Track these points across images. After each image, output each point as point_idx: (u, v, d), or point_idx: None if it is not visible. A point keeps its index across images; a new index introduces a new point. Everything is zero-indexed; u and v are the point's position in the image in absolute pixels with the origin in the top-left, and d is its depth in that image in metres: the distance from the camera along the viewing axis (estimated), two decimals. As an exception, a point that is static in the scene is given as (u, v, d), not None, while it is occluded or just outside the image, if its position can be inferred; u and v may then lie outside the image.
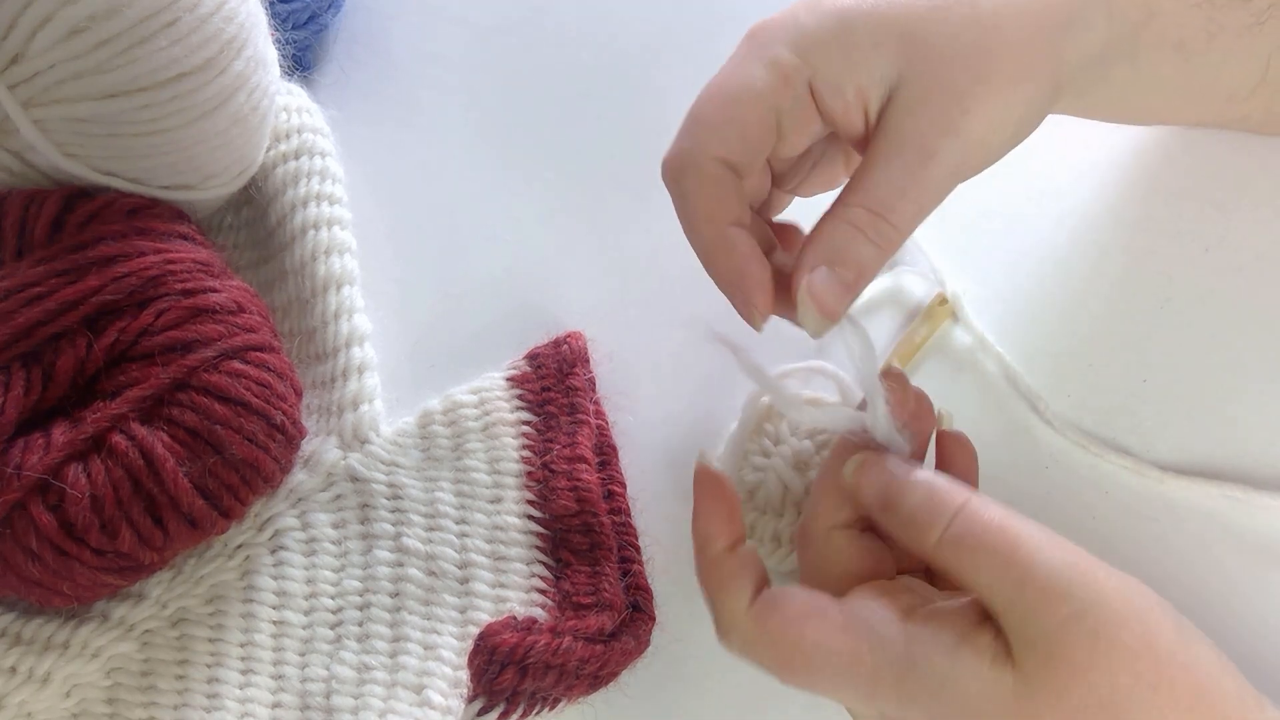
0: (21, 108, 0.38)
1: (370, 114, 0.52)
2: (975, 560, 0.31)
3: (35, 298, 0.37)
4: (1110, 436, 0.41)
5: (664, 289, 0.47)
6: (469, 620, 0.39)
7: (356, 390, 0.43)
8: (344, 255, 0.45)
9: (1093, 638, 0.29)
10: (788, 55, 0.33)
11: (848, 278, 0.33)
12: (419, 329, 0.47)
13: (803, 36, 0.33)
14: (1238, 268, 0.43)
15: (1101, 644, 0.29)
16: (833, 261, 0.33)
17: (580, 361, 0.43)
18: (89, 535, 0.36)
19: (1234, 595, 0.39)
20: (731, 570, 0.33)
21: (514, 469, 0.42)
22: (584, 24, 0.54)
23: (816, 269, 0.33)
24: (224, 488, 0.38)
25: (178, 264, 0.39)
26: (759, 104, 0.33)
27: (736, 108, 0.34)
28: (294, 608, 0.40)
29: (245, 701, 0.39)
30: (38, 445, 0.36)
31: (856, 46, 0.33)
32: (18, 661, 0.38)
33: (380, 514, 0.42)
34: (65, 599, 0.37)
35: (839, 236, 0.33)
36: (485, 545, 0.41)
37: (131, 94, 0.38)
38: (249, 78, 0.41)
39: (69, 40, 0.37)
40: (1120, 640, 0.29)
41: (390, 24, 0.54)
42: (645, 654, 0.39)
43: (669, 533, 0.41)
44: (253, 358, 0.39)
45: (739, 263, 0.34)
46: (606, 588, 0.38)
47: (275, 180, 0.47)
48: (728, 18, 0.54)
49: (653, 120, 0.51)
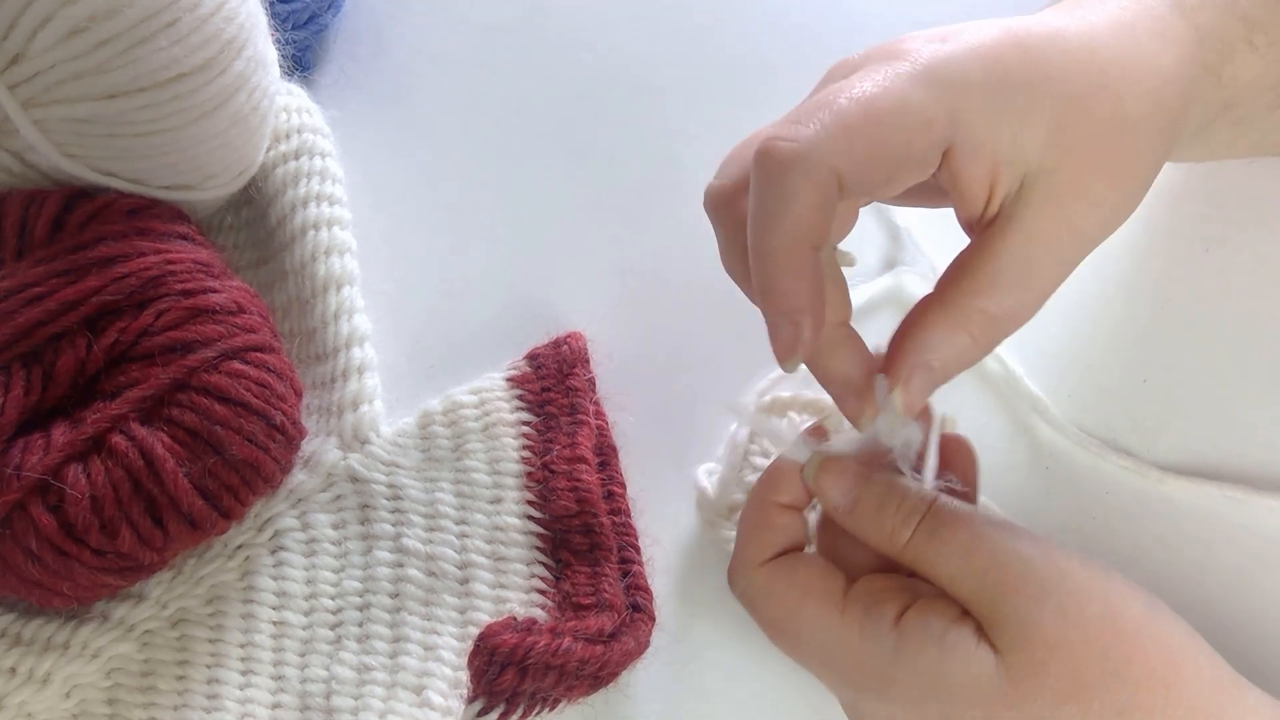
0: (21, 108, 0.38)
1: (370, 114, 0.52)
2: (944, 553, 0.31)
3: (35, 298, 0.37)
4: (1110, 436, 0.41)
5: (664, 289, 0.47)
6: (469, 621, 0.39)
7: (356, 391, 0.43)
8: (344, 255, 0.45)
9: (1060, 613, 0.30)
10: (939, 98, 0.30)
11: (939, 380, 0.31)
12: (419, 329, 0.47)
13: (959, 82, 0.30)
14: (1238, 268, 0.43)
15: (1070, 618, 0.30)
16: (934, 365, 0.31)
17: (580, 362, 0.43)
18: (89, 536, 0.36)
19: (1234, 595, 0.39)
20: (772, 524, 0.34)
21: (514, 469, 0.42)
22: (584, 24, 0.54)
23: (915, 369, 0.31)
24: (224, 488, 0.38)
25: (178, 264, 0.39)
26: (902, 135, 0.30)
27: (879, 129, 0.29)
28: (294, 608, 0.40)
29: (245, 702, 0.39)
30: (38, 446, 0.36)
31: (1008, 115, 0.30)
32: (18, 662, 0.38)
33: (380, 514, 0.42)
34: (65, 599, 0.37)
35: (951, 342, 0.31)
36: (485, 546, 0.41)
37: (131, 94, 0.38)
38: (249, 78, 0.41)
39: (69, 40, 0.37)
40: (1088, 614, 0.30)
41: (390, 24, 0.54)
42: (645, 654, 0.39)
43: (669, 533, 0.42)
44: (253, 358, 0.39)
45: (808, 294, 0.30)
46: (606, 588, 0.38)
47: (275, 180, 0.47)
48: (727, 18, 0.54)
49: (653, 120, 0.52)
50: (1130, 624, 0.30)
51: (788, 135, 0.29)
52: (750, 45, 0.53)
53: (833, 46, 0.53)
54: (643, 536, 0.41)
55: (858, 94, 0.30)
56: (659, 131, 0.51)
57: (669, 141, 0.51)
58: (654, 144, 0.51)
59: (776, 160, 0.29)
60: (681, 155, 0.50)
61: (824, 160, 0.29)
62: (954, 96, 0.30)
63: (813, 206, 0.29)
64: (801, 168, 0.29)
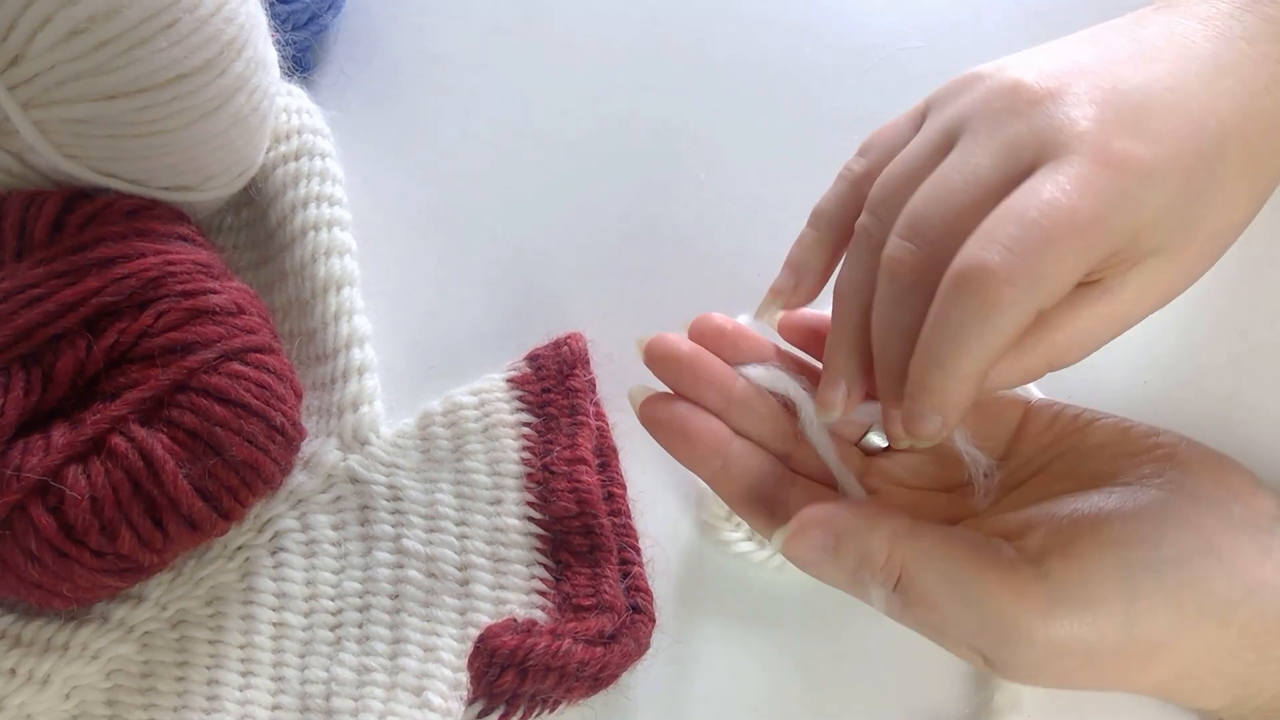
0: (21, 109, 0.38)
1: (370, 114, 0.52)
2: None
3: (35, 299, 0.37)
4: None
5: (664, 289, 0.47)
6: (469, 622, 0.39)
7: (356, 392, 0.43)
8: (344, 256, 0.45)
9: (1034, 671, 0.31)
10: (1130, 225, 0.29)
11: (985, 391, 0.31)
12: (419, 330, 0.46)
13: (1150, 206, 0.29)
14: (1239, 267, 0.42)
15: (1045, 671, 0.31)
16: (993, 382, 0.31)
17: (580, 363, 0.43)
18: (88, 537, 0.36)
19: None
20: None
21: (514, 470, 0.42)
22: (583, 24, 0.54)
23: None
24: (224, 489, 0.38)
25: (178, 265, 0.39)
26: (1094, 258, 0.29)
27: (1075, 260, 0.28)
28: (294, 609, 0.40)
29: (245, 703, 0.39)
30: (37, 447, 0.36)
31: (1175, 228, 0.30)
32: (17, 663, 0.38)
33: (380, 515, 0.42)
34: (65, 601, 0.37)
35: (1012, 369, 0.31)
36: (485, 547, 0.40)
37: (131, 95, 0.38)
38: (249, 79, 0.41)
39: (69, 41, 0.37)
40: (1060, 665, 0.31)
41: (390, 24, 0.54)
42: (645, 656, 0.39)
43: (669, 535, 0.41)
44: (252, 359, 0.39)
45: (966, 404, 0.30)
46: (607, 589, 0.38)
47: (275, 181, 0.46)
48: (727, 17, 0.54)
49: (652, 120, 0.51)
50: (1106, 650, 0.30)
51: (999, 267, 0.27)
52: (750, 45, 0.53)
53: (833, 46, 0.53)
54: (643, 538, 0.41)
55: (1060, 215, 0.28)
56: (659, 131, 0.51)
57: (669, 141, 0.51)
58: (654, 144, 0.51)
59: (989, 295, 0.28)
60: (682, 155, 0.50)
61: (1034, 304, 0.28)
62: (1142, 220, 0.29)
63: (1014, 335, 0.29)
64: (1014, 308, 0.28)
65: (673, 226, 0.48)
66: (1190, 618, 0.30)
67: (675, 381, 0.36)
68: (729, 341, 0.37)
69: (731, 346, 0.36)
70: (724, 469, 0.35)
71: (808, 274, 0.35)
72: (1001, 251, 0.27)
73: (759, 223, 0.48)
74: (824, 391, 0.33)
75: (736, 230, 0.48)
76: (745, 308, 0.38)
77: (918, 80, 0.52)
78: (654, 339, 0.36)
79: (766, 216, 0.48)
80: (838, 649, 0.39)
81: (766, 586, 0.40)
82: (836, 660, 0.39)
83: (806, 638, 0.40)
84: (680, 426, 0.35)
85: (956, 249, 0.28)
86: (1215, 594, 0.30)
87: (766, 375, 0.36)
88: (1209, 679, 0.32)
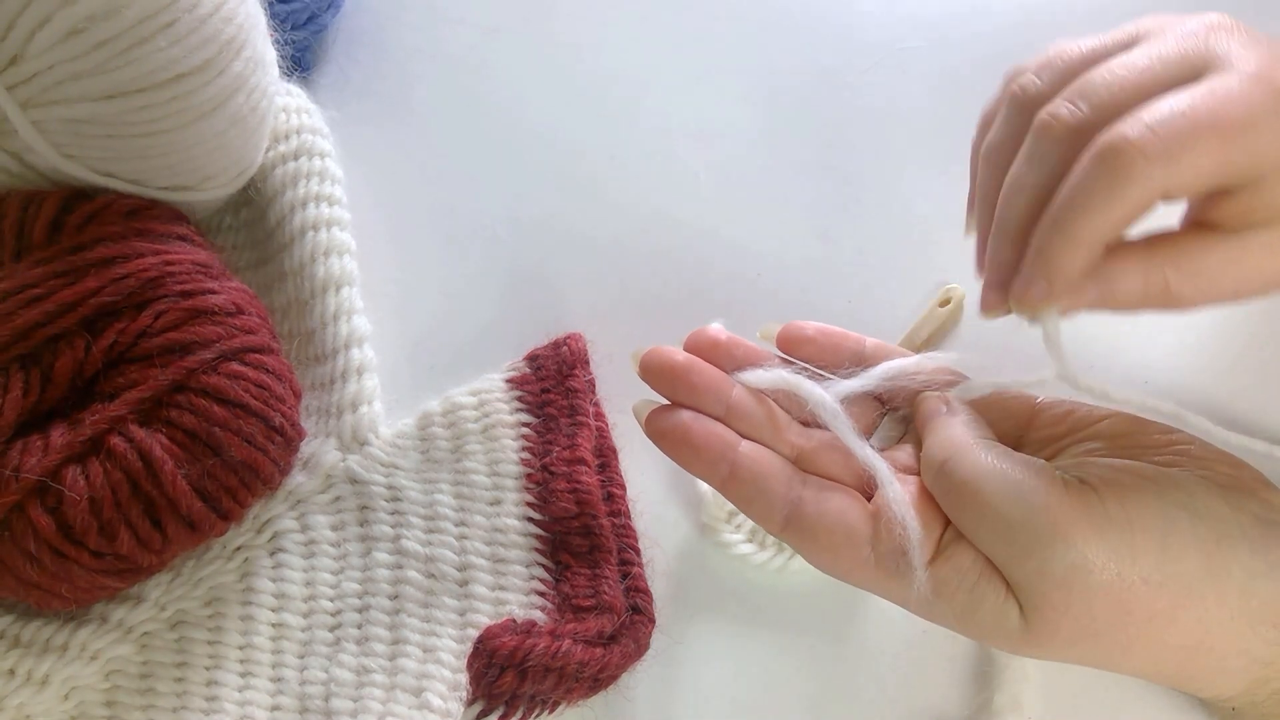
0: (20, 109, 0.38)
1: (370, 114, 0.52)
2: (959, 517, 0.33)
3: (34, 299, 0.37)
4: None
5: (664, 289, 0.47)
6: (468, 623, 0.39)
7: (356, 392, 0.43)
8: (343, 256, 0.45)
9: (1065, 587, 0.31)
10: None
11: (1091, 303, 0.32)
12: (418, 330, 0.46)
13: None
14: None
15: (1075, 591, 0.31)
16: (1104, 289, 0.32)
17: (580, 363, 0.43)
18: (87, 537, 0.36)
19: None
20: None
21: (513, 471, 0.41)
22: (583, 25, 0.54)
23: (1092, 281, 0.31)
24: (223, 490, 0.38)
25: (176, 265, 0.39)
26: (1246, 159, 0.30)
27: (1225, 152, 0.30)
28: (293, 610, 0.40)
29: (244, 704, 0.39)
30: (36, 447, 0.36)
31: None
32: (16, 664, 0.38)
33: (379, 516, 0.41)
34: (64, 601, 0.37)
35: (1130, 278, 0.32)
36: (484, 547, 0.40)
37: (130, 95, 0.38)
38: (248, 79, 0.41)
39: (68, 41, 0.37)
40: (1091, 583, 0.31)
41: (390, 24, 0.54)
42: (645, 657, 0.38)
43: (669, 535, 0.41)
44: (251, 359, 0.39)
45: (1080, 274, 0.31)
46: (606, 590, 0.38)
47: (274, 181, 0.46)
48: (727, 17, 0.54)
49: (652, 120, 0.51)
50: (1137, 577, 0.31)
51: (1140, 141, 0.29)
52: (750, 45, 0.53)
53: (833, 46, 0.53)
54: (642, 538, 0.40)
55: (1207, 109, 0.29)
56: (658, 131, 0.51)
57: (668, 141, 0.50)
58: (653, 144, 0.51)
59: (1123, 165, 0.29)
60: (681, 155, 0.50)
61: (1164, 183, 0.29)
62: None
63: (1136, 214, 0.30)
64: (1144, 184, 0.29)
65: (673, 226, 0.48)
66: (1218, 571, 0.31)
67: (672, 393, 0.36)
68: (724, 351, 0.37)
69: (727, 356, 0.37)
70: (733, 473, 0.34)
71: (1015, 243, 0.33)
72: (1145, 129, 0.29)
73: (759, 223, 0.48)
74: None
75: (736, 230, 0.48)
76: (745, 307, 0.38)
77: (918, 80, 0.52)
78: (648, 352, 0.36)
79: (767, 216, 0.48)
80: (838, 650, 0.39)
81: (766, 588, 0.40)
82: (836, 661, 0.39)
83: (806, 639, 0.40)
84: (685, 435, 0.35)
85: (1110, 122, 0.30)
86: (1240, 559, 0.31)
87: (766, 375, 0.36)
88: (1230, 657, 0.32)
